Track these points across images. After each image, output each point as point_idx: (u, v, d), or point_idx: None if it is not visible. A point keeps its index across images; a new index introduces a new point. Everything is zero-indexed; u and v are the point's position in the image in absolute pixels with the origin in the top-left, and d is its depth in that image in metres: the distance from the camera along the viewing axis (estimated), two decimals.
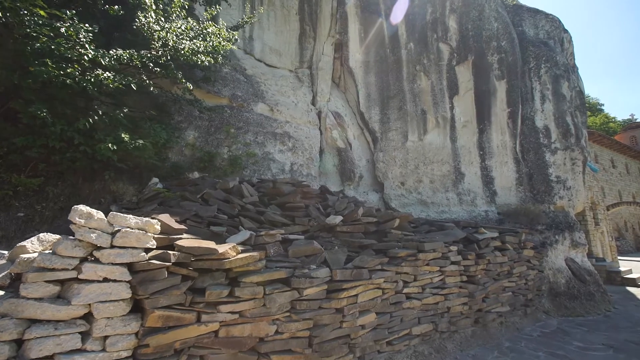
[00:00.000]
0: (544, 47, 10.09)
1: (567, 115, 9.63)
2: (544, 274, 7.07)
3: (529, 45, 10.12)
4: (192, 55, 4.49)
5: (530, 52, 10.06)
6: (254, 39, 9.34)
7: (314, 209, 5.04)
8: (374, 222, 5.04)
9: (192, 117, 6.89)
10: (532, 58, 10.03)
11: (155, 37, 4.24)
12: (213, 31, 4.72)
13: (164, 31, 4.04)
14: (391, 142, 9.44)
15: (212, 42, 4.61)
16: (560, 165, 9.27)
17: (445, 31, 9.56)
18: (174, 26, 4.12)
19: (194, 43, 4.40)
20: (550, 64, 9.93)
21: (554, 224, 8.25)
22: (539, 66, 9.94)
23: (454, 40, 9.56)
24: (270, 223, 4.55)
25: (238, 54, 8.88)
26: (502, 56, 9.50)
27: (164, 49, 4.45)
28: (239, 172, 7.04)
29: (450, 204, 8.90)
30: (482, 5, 9.46)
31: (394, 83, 9.72)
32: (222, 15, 8.90)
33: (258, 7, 9.51)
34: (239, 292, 3.12)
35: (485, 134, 9.49)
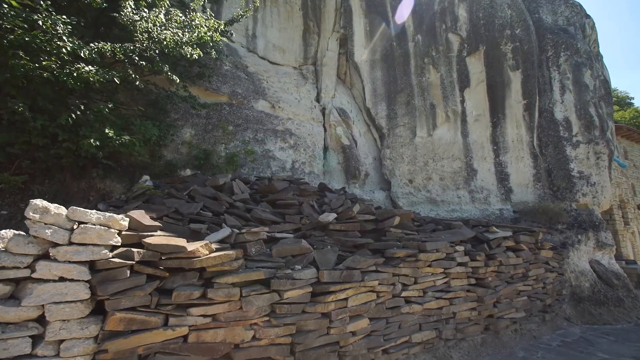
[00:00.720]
0: (563, 34, 9.43)
1: (590, 106, 8.94)
2: (564, 277, 6.49)
3: (546, 33, 9.49)
4: (176, 46, 4.31)
5: (547, 40, 9.43)
6: (257, 36, 9.18)
7: (308, 206, 4.76)
8: (372, 220, 4.70)
9: (189, 114, 6.77)
10: (550, 46, 9.38)
11: (137, 29, 4.09)
12: (200, 22, 4.53)
13: (143, 21, 3.88)
14: (399, 139, 9.04)
15: (197, 34, 4.42)
16: (583, 159, 8.59)
17: (454, 21, 9.09)
18: (153, 15, 3.95)
19: (176, 34, 4.22)
20: (571, 52, 9.26)
21: (576, 223, 7.61)
22: (558, 54, 9.29)
23: (464, 30, 9.08)
24: (258, 221, 4.30)
25: (240, 51, 8.75)
26: (516, 45, 8.93)
27: (148, 41, 4.30)
28: (237, 170, 6.86)
29: (462, 202, 8.40)
30: None
31: (401, 77, 9.33)
32: (224, 12, 8.82)
33: (260, 3, 9.37)
34: (212, 294, 2.88)
35: (499, 128, 8.94)
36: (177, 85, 5.85)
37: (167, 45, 4.20)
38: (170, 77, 4.58)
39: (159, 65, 4.46)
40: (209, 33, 4.58)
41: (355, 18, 9.47)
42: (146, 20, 3.91)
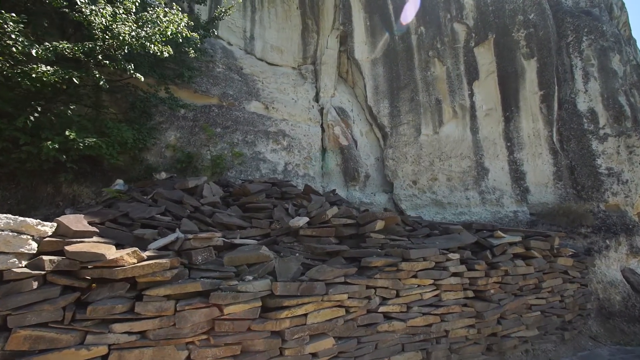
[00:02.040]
0: (585, 16, 8.51)
1: (620, 95, 7.94)
2: (588, 288, 5.64)
3: (565, 17, 8.60)
4: (137, 43, 4.09)
5: (567, 24, 8.54)
6: (255, 38, 8.97)
7: (281, 209, 4.36)
8: (351, 225, 4.22)
9: (175, 117, 6.60)
10: (571, 31, 8.49)
11: (94, 25, 3.90)
12: (159, 16, 4.28)
13: (94, 15, 3.68)
14: (402, 137, 8.46)
15: (158, 29, 4.18)
16: (612, 154, 7.61)
17: (460, 9, 8.45)
18: (107, 10, 3.74)
19: (132, 29, 3.99)
20: (595, 36, 8.32)
21: (604, 226, 6.68)
22: (580, 39, 8.38)
23: (471, 18, 8.42)
24: (220, 226, 3.95)
25: (237, 53, 8.57)
26: (530, 31, 8.14)
27: (112, 39, 4.10)
28: (223, 174, 6.59)
29: (471, 204, 7.67)
30: None
31: (404, 73, 8.77)
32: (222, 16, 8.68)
33: (258, 5, 9.19)
34: (140, 308, 2.53)
35: (512, 123, 8.14)
36: (155, 87, 5.69)
37: (125, 41, 3.97)
38: (134, 75, 4.36)
39: (122, 64, 4.25)
40: (172, 28, 4.31)
41: (354, 13, 9.05)
42: (96, 14, 3.70)
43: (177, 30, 4.51)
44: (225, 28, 8.65)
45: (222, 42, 8.55)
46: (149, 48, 4.30)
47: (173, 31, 4.41)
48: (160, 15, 4.35)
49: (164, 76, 5.88)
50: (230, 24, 8.73)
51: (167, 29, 4.26)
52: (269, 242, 3.98)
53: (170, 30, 4.30)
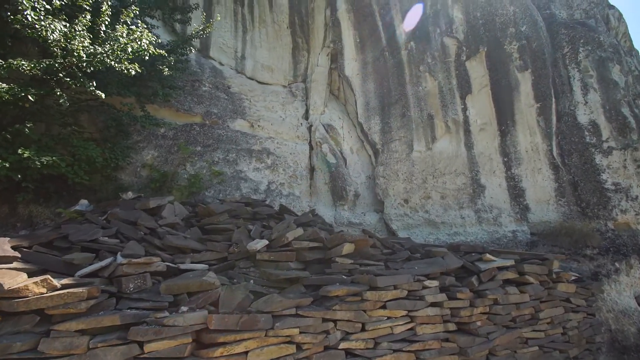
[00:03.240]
0: (580, 27, 8.23)
1: (623, 106, 7.50)
2: (597, 318, 5.03)
3: (560, 28, 8.34)
4: (95, 60, 3.97)
5: (562, 36, 8.26)
6: (246, 57, 8.99)
7: (243, 231, 4.04)
8: (317, 248, 3.85)
9: (153, 136, 6.48)
10: (566, 42, 8.20)
11: (53, 43, 3.81)
12: (135, 36, 4.19)
13: (43, 30, 3.59)
14: (394, 154, 8.14)
15: (117, 46, 4.06)
16: (618, 168, 7.08)
17: (449, 23, 8.30)
18: (56, 26, 3.66)
19: (86, 45, 3.88)
20: (592, 46, 8.00)
21: (613, 246, 6.08)
22: (576, 50, 8.06)
23: (461, 32, 8.24)
24: (173, 249, 3.64)
25: (227, 73, 8.56)
26: (522, 43, 7.88)
27: (70, 57, 4.00)
28: (200, 193, 6.35)
29: (466, 224, 7.18)
30: None
31: (395, 88, 8.56)
32: (213, 35, 8.79)
33: (249, 26, 9.27)
34: (44, 346, 2.22)
35: (509, 137, 7.75)
36: (128, 106, 5.59)
37: (81, 58, 3.86)
38: (93, 92, 4.22)
39: (81, 81, 4.13)
40: (133, 45, 4.21)
41: (344, 31, 9.01)
42: (46, 30, 3.61)
43: (143, 48, 4.40)
44: (217, 49, 8.71)
45: (214, 62, 8.58)
46: (111, 65, 4.18)
47: (136, 48, 4.29)
48: (124, 32, 4.25)
49: (139, 94, 5.80)
50: (222, 45, 8.79)
51: (127, 46, 4.15)
52: (225, 267, 3.65)
53: (131, 47, 4.18)
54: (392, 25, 8.64)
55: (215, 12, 9.11)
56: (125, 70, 4.54)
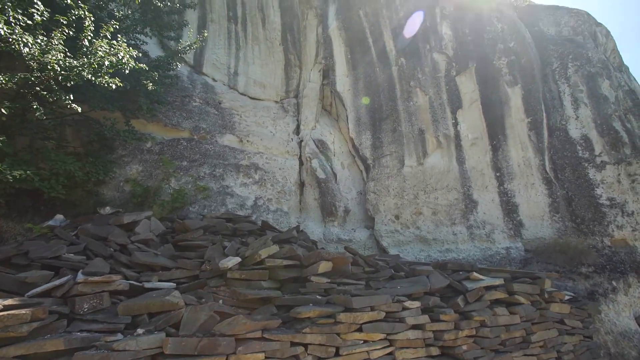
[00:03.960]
0: (569, 44, 8.29)
1: (615, 120, 7.43)
2: (595, 341, 4.76)
3: (548, 45, 8.40)
4: (71, 73, 3.94)
5: (551, 52, 8.31)
6: (239, 74, 9.06)
7: (217, 248, 3.88)
8: (293, 266, 3.68)
9: (139, 150, 6.41)
10: (555, 58, 8.23)
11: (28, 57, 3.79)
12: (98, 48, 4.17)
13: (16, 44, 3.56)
14: (385, 169, 8.04)
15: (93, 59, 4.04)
16: (613, 183, 6.93)
17: (438, 40, 8.37)
18: (27, 39, 3.64)
19: (61, 58, 3.85)
20: (581, 62, 8.02)
21: (609, 264, 5.85)
22: (565, 66, 8.08)
23: (450, 48, 8.29)
24: (142, 266, 3.48)
25: (218, 88, 8.60)
26: (511, 59, 7.91)
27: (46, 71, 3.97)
28: (184, 208, 6.22)
29: (458, 241, 6.98)
30: (480, 8, 8.19)
31: (386, 103, 8.57)
32: (207, 52, 8.90)
33: (242, 43, 9.39)
34: None
35: (500, 152, 7.65)
36: (111, 120, 5.55)
37: (56, 71, 3.83)
38: (69, 106, 4.17)
39: (57, 94, 4.09)
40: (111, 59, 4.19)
41: (335, 48, 9.10)
42: (18, 43, 3.59)
43: (122, 62, 4.38)
44: (210, 65, 8.79)
45: (206, 78, 8.63)
46: (89, 79, 4.14)
47: (114, 62, 4.27)
48: (101, 46, 4.24)
49: (124, 109, 5.77)
50: (215, 61, 8.88)
51: (104, 60, 4.12)
52: (195, 286, 3.47)
53: (109, 61, 4.16)
54: (382, 41, 8.73)
55: (210, 30, 9.27)
56: (106, 84, 4.51)
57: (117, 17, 5.52)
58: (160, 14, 6.51)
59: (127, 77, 5.31)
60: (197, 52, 8.87)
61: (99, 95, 5.28)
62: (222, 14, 9.16)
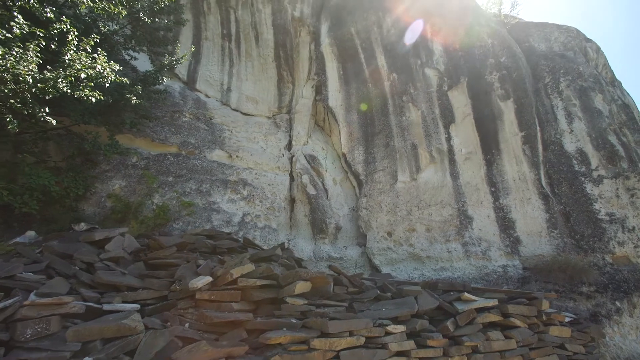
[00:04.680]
0: (559, 59, 8.28)
1: (610, 134, 7.30)
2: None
3: (539, 60, 8.40)
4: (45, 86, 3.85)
5: (542, 67, 8.29)
6: (232, 90, 9.09)
7: (190, 267, 3.64)
8: (269, 286, 3.44)
9: (123, 165, 6.27)
10: (547, 72, 8.21)
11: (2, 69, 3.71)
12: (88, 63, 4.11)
13: None
14: (377, 185, 7.86)
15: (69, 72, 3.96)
16: (611, 198, 6.72)
17: (429, 55, 8.39)
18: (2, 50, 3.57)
19: (32, 70, 3.77)
20: (572, 76, 7.98)
21: (612, 282, 5.55)
22: (557, 80, 8.04)
23: (441, 63, 8.30)
24: (106, 286, 3.24)
25: (210, 104, 8.59)
26: (503, 73, 7.89)
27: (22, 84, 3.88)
28: (167, 225, 6.01)
29: (453, 258, 6.69)
30: (470, 23, 8.25)
31: (379, 118, 8.50)
32: (200, 69, 8.95)
33: (236, 60, 9.46)
34: None
35: (495, 166, 7.48)
36: (93, 134, 5.44)
37: (28, 83, 3.74)
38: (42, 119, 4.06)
39: (32, 107, 3.99)
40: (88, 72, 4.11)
41: (327, 64, 9.14)
42: None
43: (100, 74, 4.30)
44: (204, 82, 8.82)
45: (199, 95, 8.65)
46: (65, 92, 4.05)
47: (93, 75, 4.19)
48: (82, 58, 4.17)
49: (108, 123, 5.67)
50: (209, 78, 8.92)
51: (80, 72, 4.04)
52: (163, 308, 3.23)
53: (85, 73, 4.08)
54: (374, 57, 8.76)
55: (204, 48, 9.37)
56: (85, 97, 4.42)
57: (105, 32, 5.51)
58: (149, 30, 6.54)
59: (110, 91, 5.25)
60: (190, 68, 8.94)
61: (82, 109, 5.20)
62: (216, 32, 9.27)
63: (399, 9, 8.40)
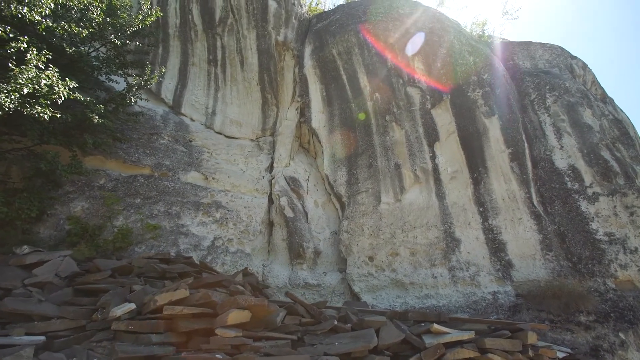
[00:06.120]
0: (544, 75, 8.10)
1: (602, 149, 6.93)
2: None
3: (524, 76, 8.23)
4: None
5: (527, 83, 8.11)
6: (217, 113, 9.06)
7: (118, 294, 3.25)
8: (204, 315, 3.02)
9: (89, 187, 6.04)
10: (532, 89, 8.00)
11: None
12: (31, 77, 3.98)
13: None
14: (360, 207, 7.50)
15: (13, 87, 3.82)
16: (609, 216, 6.22)
17: (411, 74, 8.29)
18: None
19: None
20: (559, 92, 7.75)
21: (615, 311, 4.93)
22: (543, 96, 7.81)
23: (424, 81, 8.16)
24: (13, 315, 2.86)
25: (193, 127, 8.53)
26: (486, 90, 7.69)
27: None
28: (129, 248, 5.64)
29: (438, 285, 6.14)
30: (450, 42, 8.19)
31: (362, 138, 8.30)
32: (186, 94, 8.99)
33: (221, 84, 9.53)
34: None
35: (482, 185, 7.09)
36: (51, 154, 5.24)
37: None
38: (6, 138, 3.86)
39: None
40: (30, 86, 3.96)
41: (311, 85, 9.11)
42: None
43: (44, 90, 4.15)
44: (189, 106, 8.82)
45: (184, 118, 8.62)
46: (8, 108, 3.89)
47: (45, 90, 4.05)
48: (30, 72, 4.05)
49: (70, 143, 5.50)
50: (194, 102, 8.93)
51: (23, 87, 3.90)
52: (78, 340, 2.82)
53: (28, 88, 3.93)
54: (356, 78, 8.69)
55: (190, 73, 9.47)
56: (37, 114, 4.27)
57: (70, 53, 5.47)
58: (122, 52, 6.55)
59: (70, 109, 5.12)
60: (176, 93, 8.99)
61: (41, 128, 5.05)
62: (202, 58, 9.38)
63: (379, 30, 8.43)
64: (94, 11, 5.81)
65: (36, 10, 4.25)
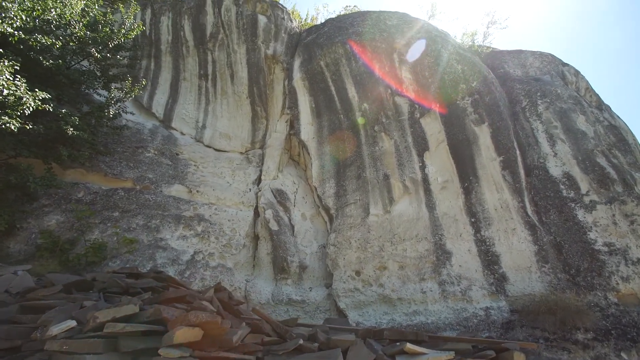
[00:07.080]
0: (535, 82, 7.95)
1: (598, 156, 6.66)
2: None
3: (514, 84, 8.08)
4: None
5: (518, 91, 7.95)
6: (207, 127, 9.05)
7: (69, 309, 3.03)
8: (153, 333, 2.78)
9: (66, 200, 5.91)
10: (523, 96, 7.83)
11: None
12: None
13: None
14: (348, 219, 7.26)
15: None
16: (608, 226, 5.88)
17: (399, 84, 8.19)
18: None
19: None
20: (550, 98, 7.57)
21: (617, 328, 4.54)
22: (534, 103, 7.62)
23: (412, 91, 8.06)
24: None
25: (182, 140, 8.51)
26: (475, 98, 7.53)
27: None
28: (103, 263, 5.44)
29: (428, 300, 5.79)
30: (438, 51, 8.12)
31: (351, 149, 8.15)
32: (177, 108, 9.02)
33: (212, 98, 9.56)
34: None
35: (474, 194, 6.82)
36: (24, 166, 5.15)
37: None
38: None
39: None
40: None
41: (300, 97, 9.07)
42: None
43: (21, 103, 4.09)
44: (180, 120, 8.83)
45: (174, 132, 8.62)
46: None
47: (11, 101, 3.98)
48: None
49: (45, 156, 5.41)
50: (184, 116, 8.94)
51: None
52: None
53: None
54: (344, 89, 8.62)
55: (182, 88, 9.53)
56: (3, 125, 4.19)
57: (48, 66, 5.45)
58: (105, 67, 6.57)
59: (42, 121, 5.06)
60: (167, 107, 9.03)
61: (14, 140, 4.98)
62: (193, 73, 9.45)
63: (366, 41, 8.42)
64: (76, 25, 5.85)
65: (7, 22, 4.24)
